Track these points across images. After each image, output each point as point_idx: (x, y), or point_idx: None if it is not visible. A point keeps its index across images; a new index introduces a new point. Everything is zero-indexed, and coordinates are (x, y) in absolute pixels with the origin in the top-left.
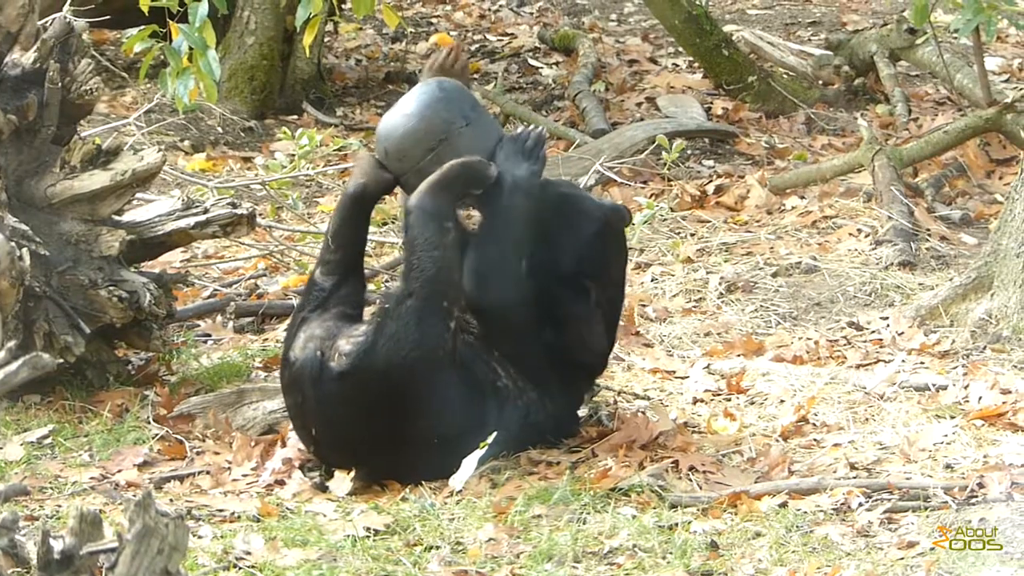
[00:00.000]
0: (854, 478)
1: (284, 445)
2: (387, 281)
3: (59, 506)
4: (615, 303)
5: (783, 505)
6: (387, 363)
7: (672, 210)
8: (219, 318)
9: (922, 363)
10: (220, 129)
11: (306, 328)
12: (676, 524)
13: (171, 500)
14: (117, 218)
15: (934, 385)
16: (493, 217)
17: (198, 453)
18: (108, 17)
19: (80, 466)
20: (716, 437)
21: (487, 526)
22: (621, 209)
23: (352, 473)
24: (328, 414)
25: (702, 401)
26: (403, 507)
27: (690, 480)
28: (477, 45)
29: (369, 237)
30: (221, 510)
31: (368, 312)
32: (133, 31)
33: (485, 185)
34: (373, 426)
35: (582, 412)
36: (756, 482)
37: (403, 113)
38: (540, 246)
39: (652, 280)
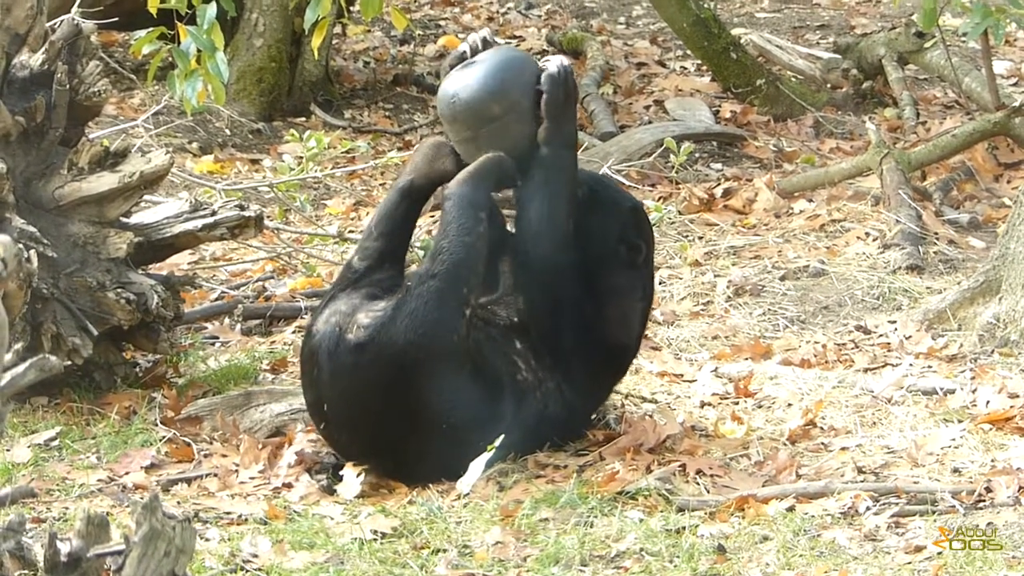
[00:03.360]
0: (861, 482)
1: (291, 447)
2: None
3: (66, 508)
4: (650, 296)
5: (790, 509)
6: (404, 339)
7: (680, 213)
8: (227, 320)
9: (930, 367)
10: (228, 131)
11: (332, 304)
12: (683, 528)
13: (178, 502)
14: (125, 220)
15: (942, 389)
16: (540, 176)
17: (205, 455)
18: (116, 19)
19: (87, 468)
20: (723, 441)
21: (494, 529)
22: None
23: (360, 474)
24: (341, 387)
25: (710, 404)
26: (410, 510)
27: (697, 484)
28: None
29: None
30: (228, 512)
31: None
32: (141, 33)
33: (515, 184)
34: (384, 404)
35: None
36: (763, 486)
37: (474, 72)
38: (581, 218)
39: (660, 283)
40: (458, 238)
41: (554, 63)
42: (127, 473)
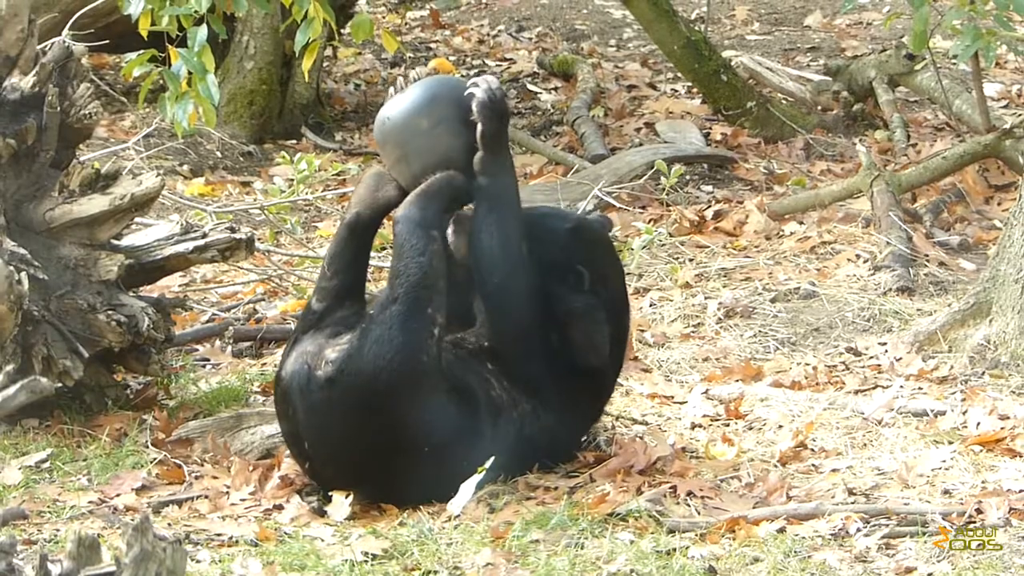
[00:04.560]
0: (852, 503)
1: (281, 469)
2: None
3: (57, 530)
4: (620, 314)
5: (781, 530)
6: (373, 367)
7: (671, 235)
8: (217, 342)
9: (920, 389)
10: (219, 154)
11: (298, 346)
12: (674, 549)
13: (169, 524)
14: (116, 242)
15: (932, 411)
16: (486, 206)
17: (196, 477)
18: (107, 41)
19: (78, 490)
20: (714, 462)
21: (485, 551)
22: (599, 217)
23: (349, 496)
24: (317, 423)
25: (700, 426)
26: (401, 532)
27: (688, 505)
28: (476, 70)
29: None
30: (219, 534)
31: None
32: (132, 55)
33: (468, 201)
34: (362, 434)
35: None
36: (754, 507)
37: (406, 94)
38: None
39: (651, 305)
40: (413, 259)
41: (482, 87)
42: (118, 495)
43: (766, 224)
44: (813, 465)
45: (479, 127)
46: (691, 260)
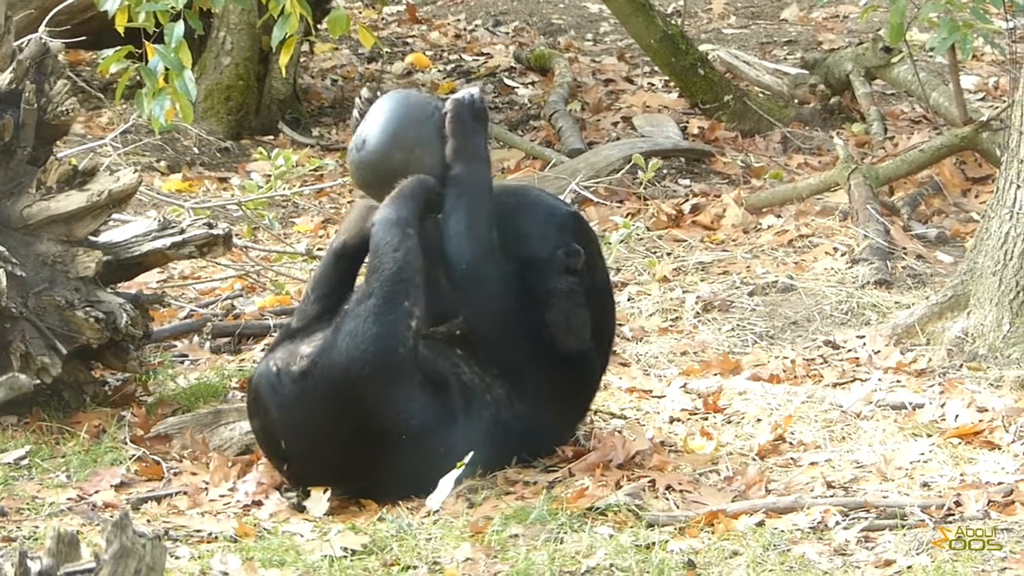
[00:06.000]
0: (831, 497)
1: (259, 465)
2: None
3: (36, 527)
4: (604, 305)
5: (760, 524)
6: (347, 358)
7: (648, 229)
8: (196, 338)
9: (898, 381)
10: (196, 149)
11: (271, 355)
12: (653, 543)
13: (148, 521)
14: (93, 239)
15: (911, 403)
16: (455, 191)
17: (175, 474)
18: (84, 38)
19: (57, 487)
20: (693, 456)
21: (464, 546)
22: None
23: (328, 492)
24: (292, 419)
25: (679, 420)
26: (380, 527)
27: (667, 499)
28: (453, 65)
29: None
30: (198, 530)
31: None
32: (109, 52)
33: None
34: (337, 426)
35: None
36: (733, 501)
37: (373, 130)
38: (510, 235)
39: (628, 299)
40: (388, 255)
41: (461, 92)
42: (97, 492)
43: (744, 218)
44: (792, 458)
45: (447, 116)
46: (669, 254)
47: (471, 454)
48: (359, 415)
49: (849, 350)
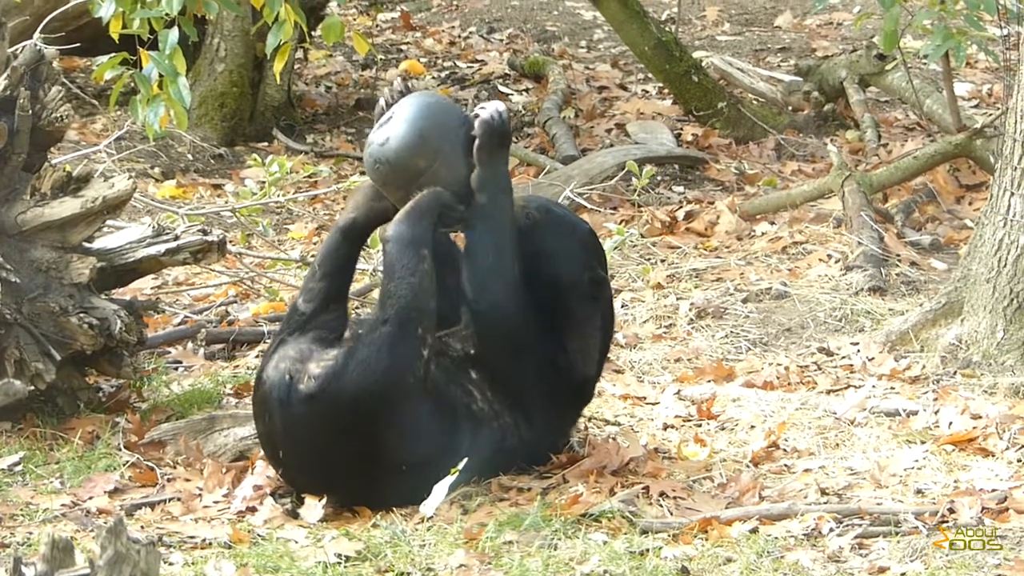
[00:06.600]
0: (825, 503)
1: (254, 471)
2: (358, 308)
3: (30, 533)
4: (608, 322)
5: (754, 531)
6: (356, 388)
7: (642, 236)
8: (190, 345)
9: (892, 388)
10: (190, 156)
11: (281, 349)
12: (647, 550)
13: (142, 527)
14: (88, 245)
15: (904, 410)
16: (482, 226)
17: (169, 480)
18: (78, 45)
19: (51, 493)
20: (687, 463)
21: (458, 552)
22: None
23: (323, 499)
24: (295, 437)
25: (673, 427)
26: (374, 533)
27: (661, 506)
28: (447, 72)
29: None
30: (192, 537)
31: None
32: (103, 58)
33: (457, 219)
34: (340, 451)
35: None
36: (727, 508)
37: (396, 131)
38: (532, 253)
39: (622, 306)
40: (403, 280)
41: (489, 109)
42: (91, 498)
43: (737, 224)
44: (785, 465)
45: (476, 142)
46: (663, 261)
47: (464, 462)
48: (363, 443)
49: (843, 357)
